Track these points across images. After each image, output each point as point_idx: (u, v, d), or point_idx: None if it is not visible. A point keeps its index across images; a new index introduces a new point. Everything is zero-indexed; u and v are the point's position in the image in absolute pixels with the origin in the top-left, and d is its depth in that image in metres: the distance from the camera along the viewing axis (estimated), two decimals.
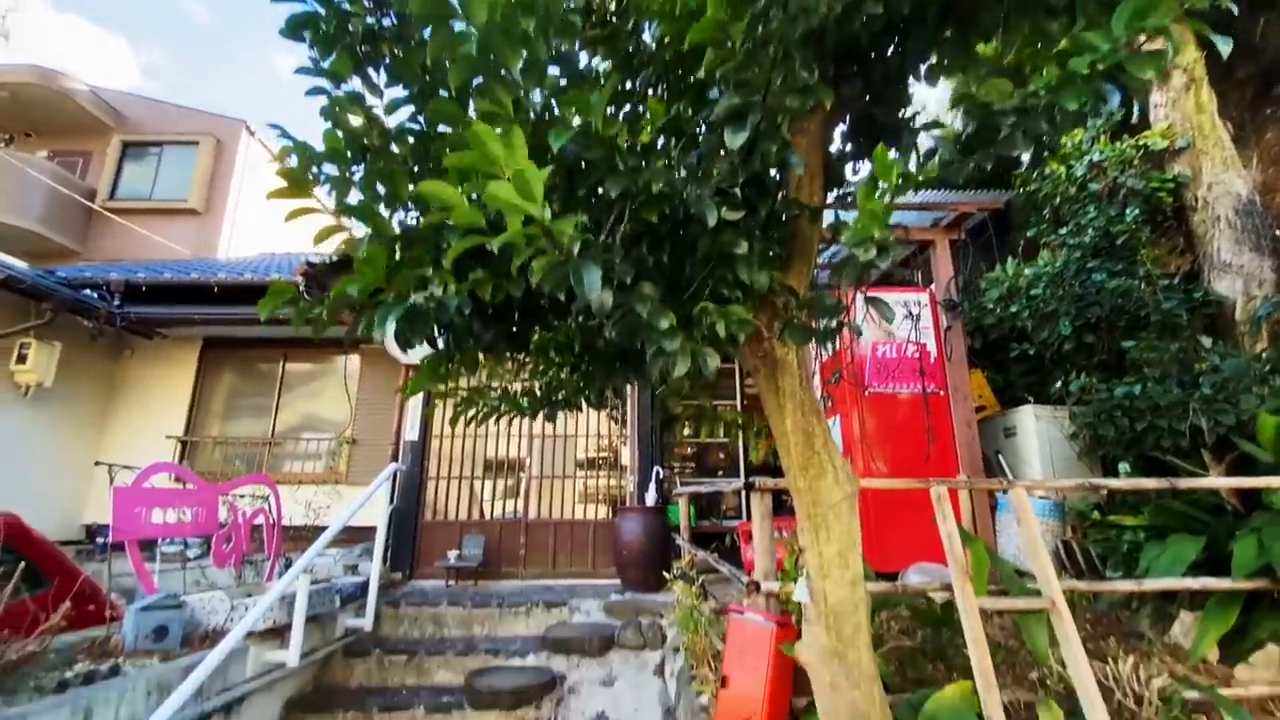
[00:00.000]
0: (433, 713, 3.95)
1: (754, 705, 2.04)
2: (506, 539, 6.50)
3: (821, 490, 1.82)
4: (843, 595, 1.79)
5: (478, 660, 4.43)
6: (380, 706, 3.96)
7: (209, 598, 3.64)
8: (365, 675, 4.38)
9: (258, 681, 3.52)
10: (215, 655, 2.88)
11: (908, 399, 4.64)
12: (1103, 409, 3.56)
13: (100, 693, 2.54)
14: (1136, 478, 2.85)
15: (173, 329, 7.42)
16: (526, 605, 5.04)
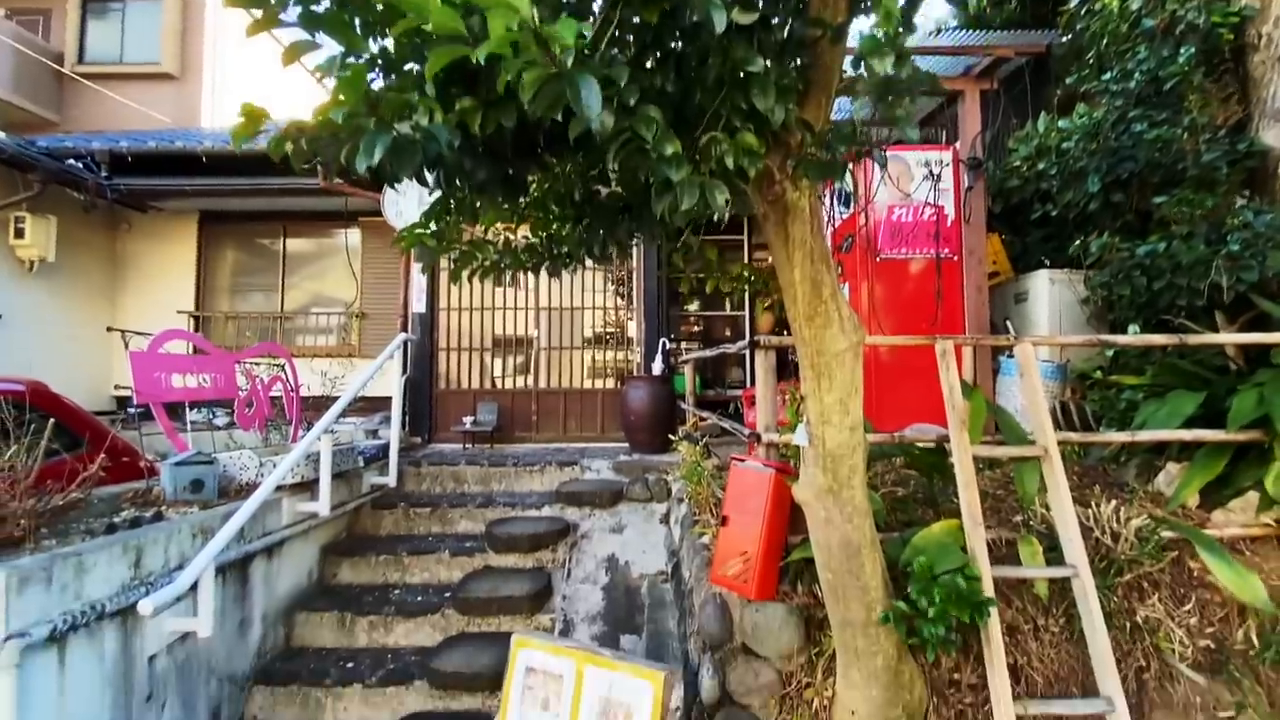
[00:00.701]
0: (457, 555, 4.31)
1: (751, 539, 2.18)
2: (519, 406, 6.73)
3: (827, 339, 1.81)
4: (841, 439, 1.84)
5: (496, 512, 4.75)
6: (409, 550, 4.32)
7: (238, 455, 3.85)
8: (393, 525, 4.74)
9: (293, 529, 3.82)
10: (253, 501, 3.08)
11: (920, 265, 4.53)
12: (1122, 268, 3.47)
13: (149, 534, 2.76)
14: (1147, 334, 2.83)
15: (165, 201, 7.22)
16: (540, 464, 5.32)
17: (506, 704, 2.28)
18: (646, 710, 1.99)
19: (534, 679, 2.25)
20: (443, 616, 3.86)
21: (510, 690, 2.29)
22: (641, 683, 2.03)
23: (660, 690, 1.99)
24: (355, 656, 3.69)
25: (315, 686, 3.40)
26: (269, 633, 3.61)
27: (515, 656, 2.33)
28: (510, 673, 2.31)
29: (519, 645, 2.34)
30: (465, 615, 3.85)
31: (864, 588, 1.84)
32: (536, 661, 2.27)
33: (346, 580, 4.25)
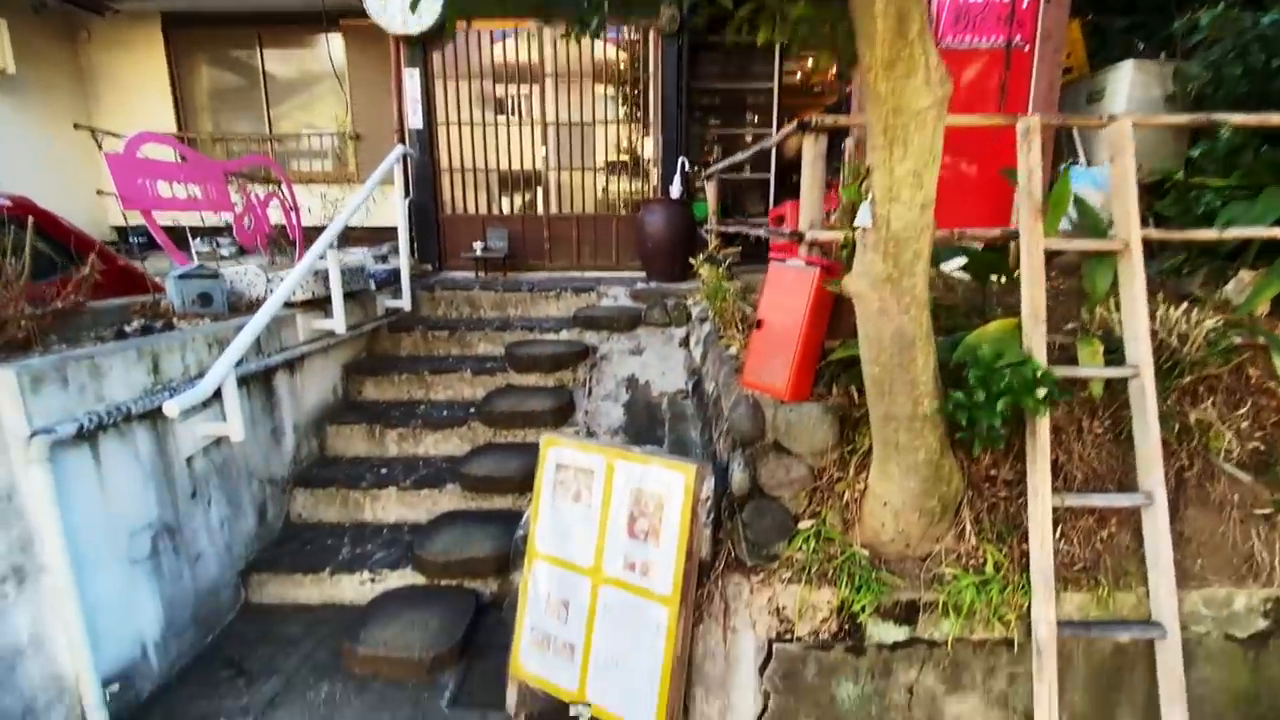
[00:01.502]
0: (479, 374, 4.32)
1: (789, 340, 2.05)
2: (530, 233, 6.44)
3: (907, 93, 1.50)
4: (909, 220, 1.61)
5: (514, 335, 4.69)
6: (431, 370, 4.33)
7: (244, 270, 3.70)
8: (412, 347, 4.72)
9: (312, 346, 3.78)
10: (264, 312, 2.98)
11: (985, 55, 3.93)
12: (1237, 44, 2.95)
13: (162, 341, 2.69)
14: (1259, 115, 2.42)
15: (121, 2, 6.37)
16: (556, 291, 5.17)
17: (538, 498, 2.31)
18: (678, 500, 1.99)
19: (565, 474, 2.27)
20: (469, 429, 3.94)
21: (542, 485, 2.31)
22: (673, 475, 2.01)
23: (692, 481, 1.97)
24: (388, 464, 3.83)
25: (352, 489, 3.57)
26: (302, 442, 3.72)
27: (545, 455, 2.33)
28: (541, 470, 2.33)
29: (549, 444, 2.33)
30: (491, 427, 3.93)
31: (913, 382, 1.72)
32: (567, 458, 2.27)
33: (372, 397, 4.32)
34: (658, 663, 1.98)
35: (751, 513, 2.04)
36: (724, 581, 2.04)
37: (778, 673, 1.97)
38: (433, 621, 2.85)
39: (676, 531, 1.98)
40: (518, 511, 3.53)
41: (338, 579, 3.15)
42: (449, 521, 3.39)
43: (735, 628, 2.00)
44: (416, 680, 2.64)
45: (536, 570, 2.28)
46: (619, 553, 2.10)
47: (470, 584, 3.15)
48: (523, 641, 2.29)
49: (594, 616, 2.13)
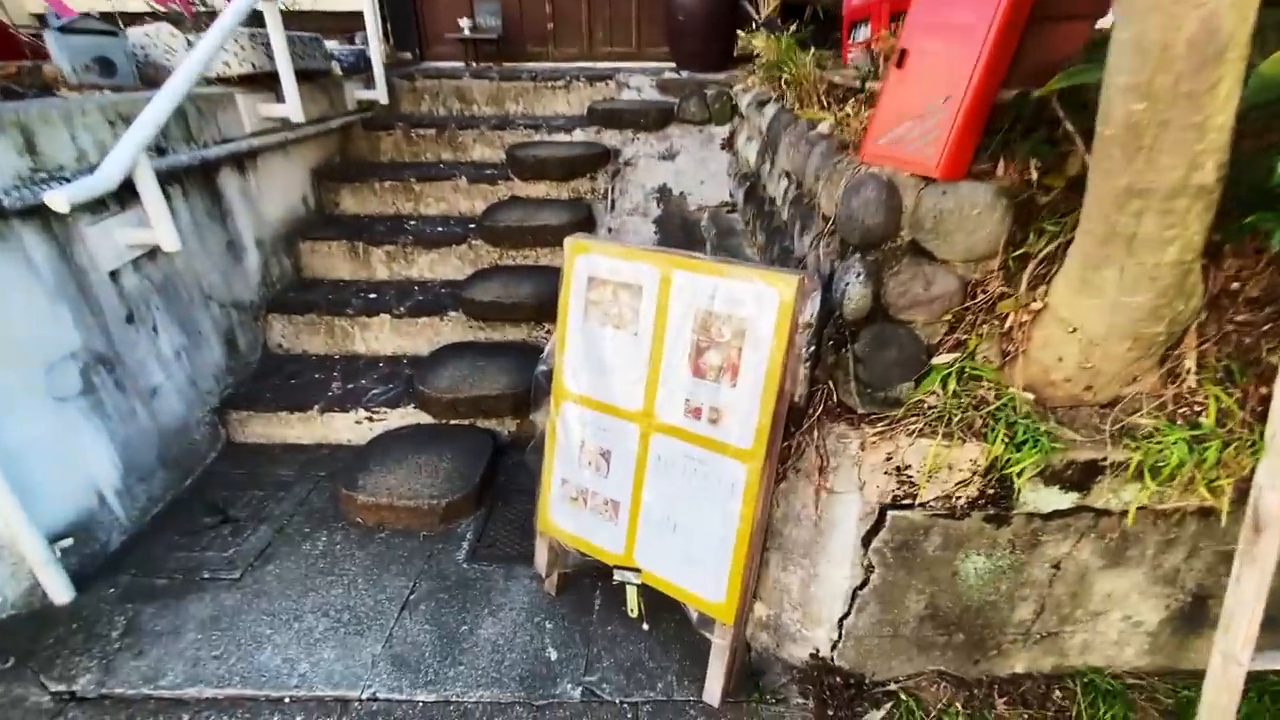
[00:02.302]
0: (477, 183, 3.56)
1: (954, 78, 1.31)
2: (529, 10, 5.19)
3: None
4: None
5: (516, 135, 3.84)
6: (418, 177, 3.56)
7: (155, 30, 2.79)
8: (394, 149, 3.89)
9: (265, 139, 2.98)
10: (185, 73, 2.18)
11: None
12: None
13: (36, 109, 1.94)
14: None
15: None
16: (564, 81, 4.18)
17: (564, 324, 1.73)
18: (768, 324, 1.40)
19: (600, 292, 1.65)
20: (470, 248, 3.28)
21: (569, 307, 1.71)
22: (762, 291, 1.40)
23: (791, 299, 1.36)
24: (377, 289, 3.24)
25: (338, 316, 3.01)
26: (271, 261, 3.09)
27: (572, 265, 1.70)
28: (567, 286, 1.71)
29: (577, 250, 1.69)
30: (496, 247, 3.26)
31: (1200, 127, 1.03)
32: (603, 269, 1.64)
33: (351, 210, 3.60)
34: (730, 529, 1.53)
35: (869, 343, 1.45)
36: (821, 432, 1.51)
37: (890, 544, 1.52)
38: (444, 465, 2.43)
39: (763, 369, 1.42)
40: (534, 344, 3.00)
41: (329, 418, 2.71)
42: (454, 354, 2.87)
43: (834, 489, 1.52)
44: (428, 530, 2.28)
45: (566, 414, 1.77)
46: (678, 395, 1.56)
47: (485, 424, 2.70)
48: (552, 495, 1.85)
49: (643, 470, 1.66)
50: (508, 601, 1.98)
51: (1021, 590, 1.58)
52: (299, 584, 2.05)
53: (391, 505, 2.27)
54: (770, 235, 2.32)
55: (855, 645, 1.67)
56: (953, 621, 1.63)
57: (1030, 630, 1.65)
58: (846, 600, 1.62)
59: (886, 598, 1.59)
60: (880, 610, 1.61)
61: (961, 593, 1.59)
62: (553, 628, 1.89)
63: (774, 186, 2.44)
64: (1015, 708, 1.66)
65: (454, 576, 2.08)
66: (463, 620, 1.92)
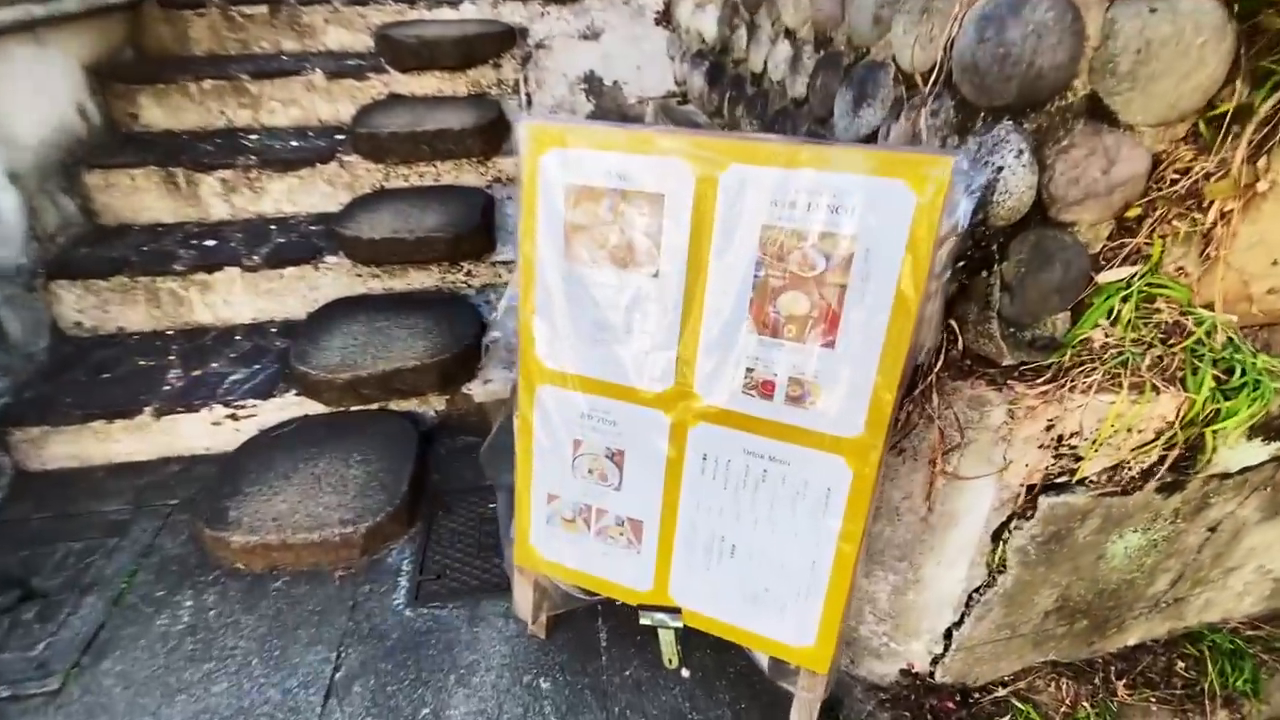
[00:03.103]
0: (340, 78, 2.65)
1: None
2: None
3: None
4: None
5: (384, 13, 2.89)
6: (253, 73, 2.58)
7: None
8: (210, 37, 2.83)
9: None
10: None
11: None
12: None
13: None
14: None
15: None
16: None
17: (531, 263, 1.10)
18: (894, 241, 0.86)
19: (589, 209, 1.03)
20: (342, 167, 2.44)
21: (536, 237, 1.08)
22: (883, 186, 0.85)
23: (935, 197, 0.83)
24: (216, 232, 2.35)
25: (162, 276, 2.13)
26: (41, 204, 2.11)
27: (536, 169, 1.04)
28: (529, 203, 1.07)
29: (544, 142, 1.03)
30: (379, 163, 2.44)
31: None
32: (594, 171, 1.01)
33: (159, 123, 2.58)
34: (824, 550, 1.04)
35: (1025, 260, 0.96)
36: (944, 398, 1.03)
37: (1037, 536, 1.11)
38: (353, 472, 1.77)
39: (884, 313, 0.89)
40: (451, 291, 2.30)
41: (171, 421, 1.92)
42: (343, 315, 2.12)
43: (958, 472, 1.06)
44: (345, 568, 1.65)
45: (545, 402, 1.17)
46: (734, 364, 1.01)
47: (400, 405, 2.03)
48: (534, 517, 1.27)
49: (679, 476, 1.12)
50: (481, 659, 1.43)
51: (1166, 562, 1.25)
52: (157, 685, 1.38)
53: (285, 542, 1.60)
54: (771, 123, 1.74)
55: (964, 657, 1.29)
56: (1081, 610, 1.28)
57: (1160, 601, 1.34)
58: (958, 607, 1.22)
59: (1015, 599, 1.20)
60: (1003, 614, 1.22)
61: (1100, 576, 1.22)
62: (552, 688, 1.37)
63: (765, 57, 1.83)
64: (1138, 690, 1.37)
65: (395, 633, 1.49)
66: (422, 700, 1.35)
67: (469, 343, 2.01)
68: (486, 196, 2.40)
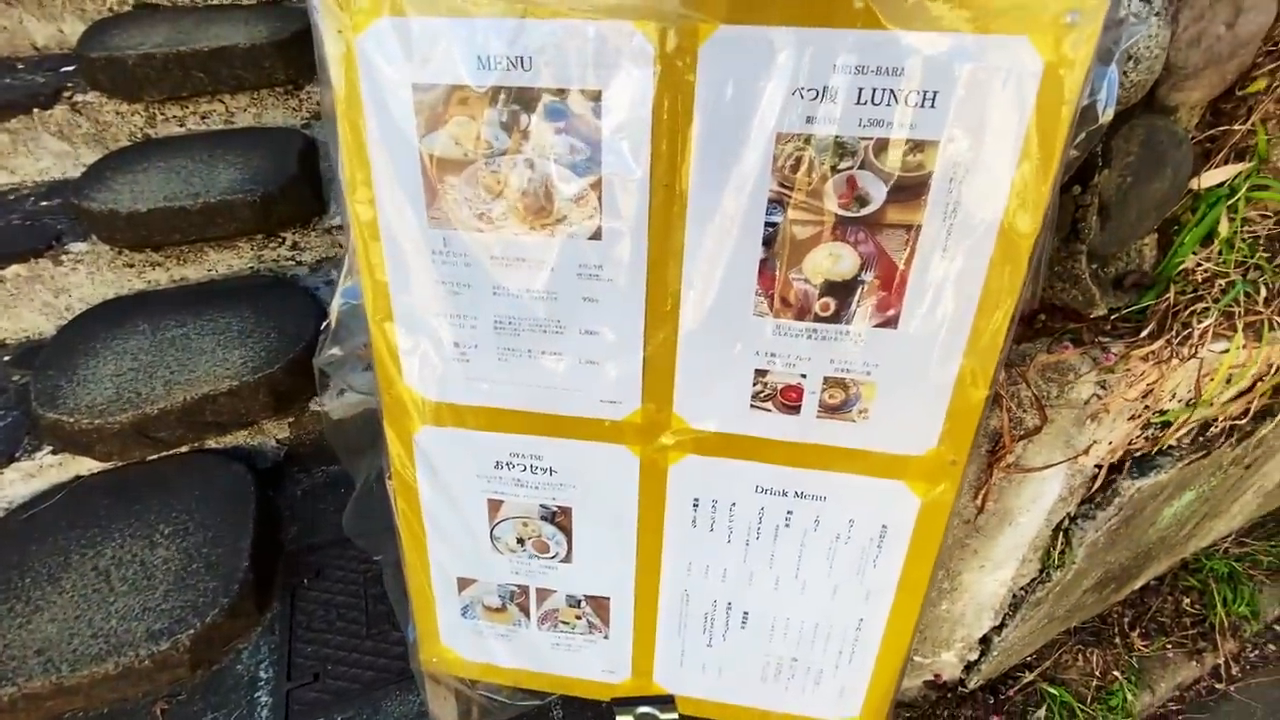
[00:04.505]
0: None
1: None
2: None
3: None
4: None
5: None
6: None
7: None
8: None
9: None
10: None
11: None
12: None
13: None
14: None
15: None
16: None
17: (371, 231, 0.64)
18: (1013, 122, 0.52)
19: (463, 129, 0.58)
20: (76, 111, 1.71)
21: (370, 185, 0.62)
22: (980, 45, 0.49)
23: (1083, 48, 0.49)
24: None
25: None
26: None
27: (349, 56, 0.57)
28: (351, 128, 0.60)
29: (367, 11, 0.56)
30: (134, 103, 1.74)
31: None
32: (465, 56, 0.56)
33: None
34: (875, 606, 0.74)
35: (1136, 161, 0.66)
36: (1014, 369, 0.74)
37: (1110, 523, 0.87)
38: (161, 551, 1.24)
39: (980, 264, 0.56)
40: (276, 274, 1.72)
41: None
42: (114, 326, 1.49)
43: (1021, 461, 0.79)
44: (169, 697, 1.14)
45: (427, 452, 0.75)
46: (735, 361, 0.64)
47: (222, 442, 1.47)
48: (440, 610, 0.86)
49: (658, 530, 0.75)
50: None
51: (1202, 508, 1.09)
52: None
53: (60, 685, 1.07)
54: None
55: (1000, 657, 1.08)
56: (1115, 576, 1.10)
57: (1174, 544, 1.20)
58: (1000, 611, 0.99)
59: (1068, 589, 0.99)
60: (1050, 608, 1.01)
61: (1145, 540, 1.04)
62: None
63: None
64: (1153, 640, 1.25)
65: None
66: None
67: (308, 342, 1.48)
68: (304, 139, 1.78)
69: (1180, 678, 1.26)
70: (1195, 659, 1.26)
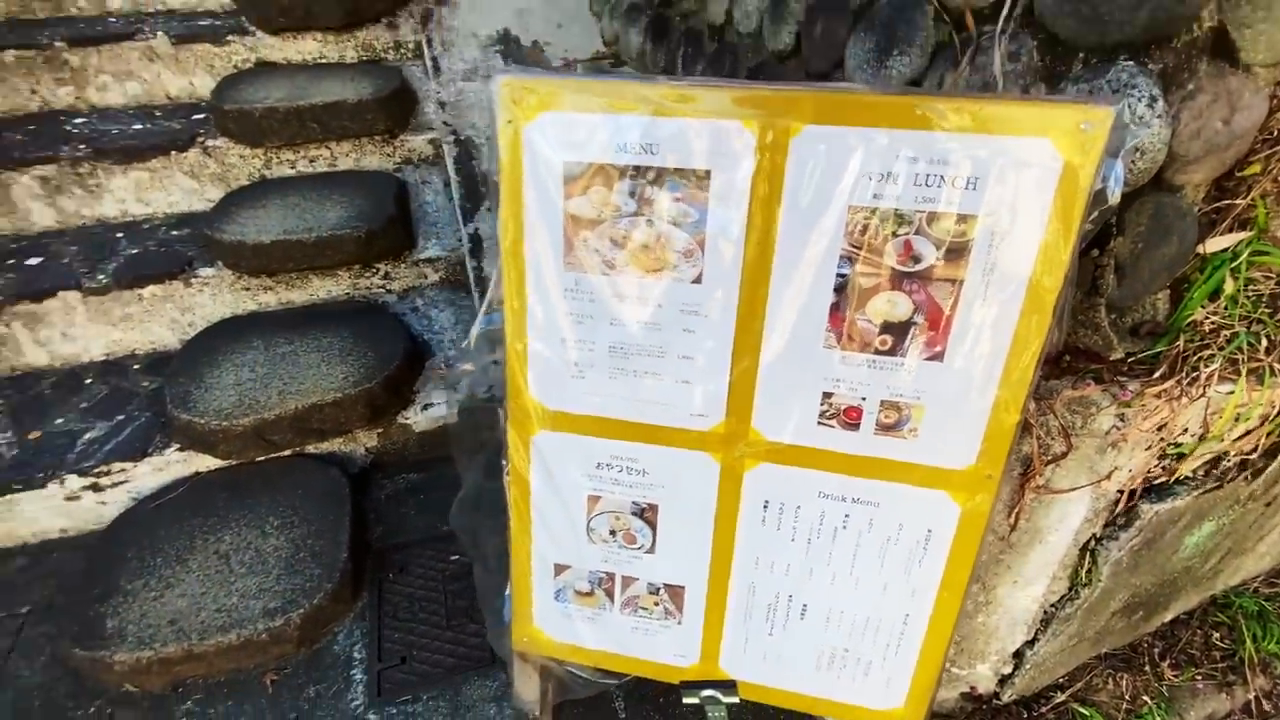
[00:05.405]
0: (188, 42, 2.13)
1: None
2: None
3: None
4: None
5: None
6: (71, 39, 2.02)
7: None
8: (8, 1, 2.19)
9: None
10: None
11: None
12: None
13: None
14: None
15: None
16: None
17: (518, 272, 0.81)
18: (1031, 219, 0.66)
19: (598, 195, 0.75)
20: (207, 154, 1.96)
21: (524, 236, 0.79)
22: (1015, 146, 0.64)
23: (1087, 157, 0.63)
24: (41, 246, 1.82)
25: None
26: None
27: (519, 141, 0.75)
28: (511, 191, 0.77)
29: (524, 103, 0.73)
30: (256, 147, 1.99)
31: None
32: (602, 144, 0.73)
33: None
34: (920, 602, 0.86)
35: (1146, 230, 0.79)
36: (1035, 399, 0.86)
37: (1132, 543, 0.97)
38: (271, 542, 1.40)
39: (1013, 311, 0.69)
40: (365, 300, 1.92)
41: (6, 503, 1.45)
42: (230, 341, 1.70)
43: (1050, 483, 0.90)
44: (278, 669, 1.29)
45: (542, 451, 0.90)
46: (807, 387, 0.78)
47: (320, 448, 1.65)
48: (536, 593, 1.00)
49: (732, 529, 0.89)
50: None
51: (1224, 542, 1.17)
52: None
53: (190, 651, 1.22)
54: None
55: (1033, 672, 1.16)
56: (1142, 603, 1.19)
57: (1201, 577, 1.28)
58: (1033, 625, 1.09)
59: (1095, 609, 1.08)
60: (1080, 626, 1.10)
61: (1169, 568, 1.13)
62: None
63: (726, 7, 1.59)
64: (1183, 670, 1.31)
65: None
66: None
67: (399, 362, 1.66)
68: (397, 182, 2.01)
69: (1210, 709, 1.31)
70: (1225, 692, 1.31)
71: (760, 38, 1.46)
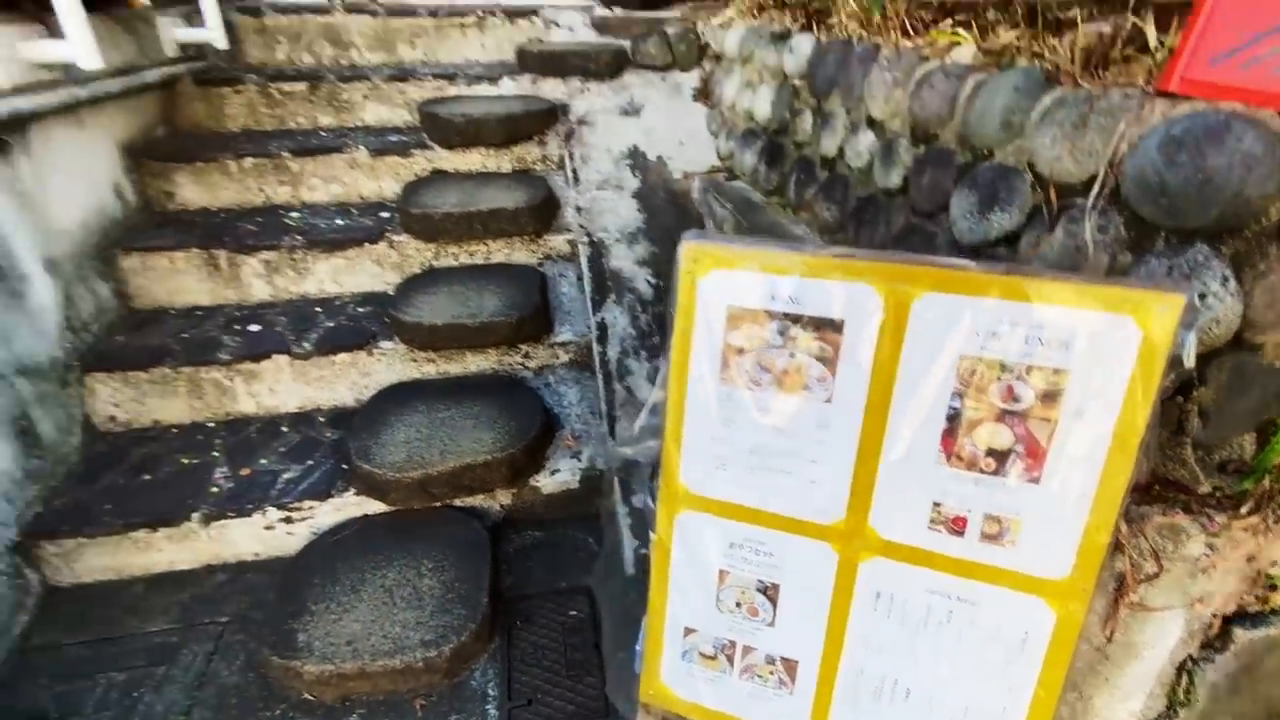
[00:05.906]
0: (383, 155, 2.62)
1: None
2: None
3: None
4: None
5: (425, 89, 2.90)
6: (294, 150, 2.54)
7: None
8: (247, 113, 2.80)
9: (38, 99, 1.87)
10: None
11: None
12: None
13: None
14: None
15: None
16: (475, 16, 3.26)
17: (681, 380, 1.03)
18: (1116, 377, 0.81)
19: (752, 332, 0.97)
20: (391, 246, 2.38)
21: (691, 356, 1.02)
22: (1105, 321, 0.81)
23: (1164, 334, 0.78)
24: (258, 316, 2.26)
25: (205, 365, 2.03)
26: (78, 291, 2.01)
27: (693, 290, 0.99)
28: (685, 322, 1.01)
29: (703, 264, 0.98)
30: (430, 243, 2.39)
31: None
32: (757, 295, 0.96)
33: (197, 202, 2.52)
34: (1016, 700, 0.96)
35: (1224, 385, 0.92)
36: (1135, 524, 0.97)
37: (1229, 667, 1.03)
38: (425, 581, 1.65)
39: (1102, 449, 0.84)
40: (507, 374, 2.22)
41: (220, 528, 1.78)
42: (398, 404, 2.02)
43: (1144, 601, 0.99)
44: (427, 695, 1.50)
45: (685, 528, 1.09)
46: (919, 497, 0.94)
47: (464, 502, 1.91)
48: (666, 651, 1.17)
49: (845, 613, 1.03)
50: None
51: None
52: None
53: (363, 670, 1.46)
54: (856, 210, 1.73)
55: None
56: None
57: None
58: None
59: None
60: None
61: (1273, 698, 1.15)
62: None
63: (839, 143, 1.84)
64: None
65: None
66: None
67: (536, 431, 1.92)
68: (541, 275, 2.36)
69: None
70: None
71: (870, 174, 1.69)
